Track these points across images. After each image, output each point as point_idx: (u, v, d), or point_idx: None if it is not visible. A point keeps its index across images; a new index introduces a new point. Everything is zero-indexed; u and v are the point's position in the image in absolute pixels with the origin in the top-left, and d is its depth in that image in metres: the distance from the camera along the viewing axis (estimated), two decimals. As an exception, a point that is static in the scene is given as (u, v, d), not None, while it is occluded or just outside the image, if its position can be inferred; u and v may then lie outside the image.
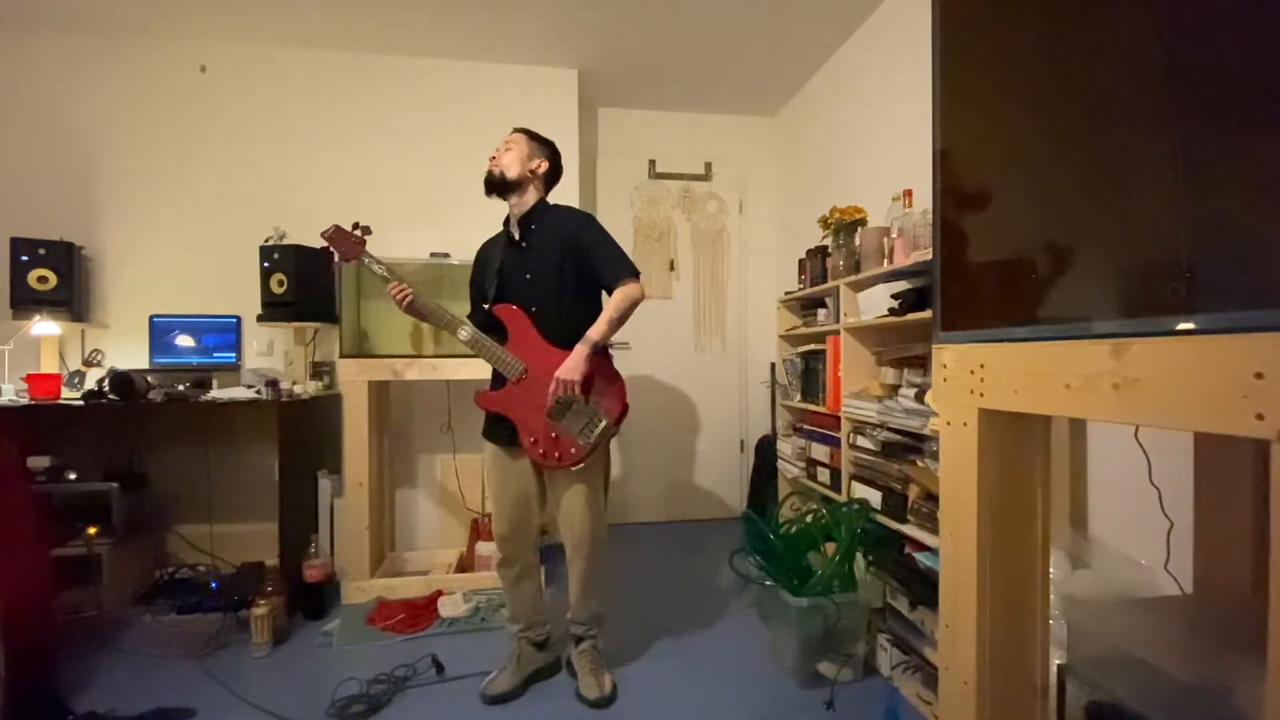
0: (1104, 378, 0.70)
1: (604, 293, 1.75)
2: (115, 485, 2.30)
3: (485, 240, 1.87)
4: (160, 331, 2.62)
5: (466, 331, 1.68)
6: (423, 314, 1.70)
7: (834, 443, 2.26)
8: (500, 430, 1.72)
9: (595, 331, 1.65)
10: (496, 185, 1.71)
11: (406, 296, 1.67)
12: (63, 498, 2.26)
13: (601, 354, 1.70)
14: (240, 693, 1.74)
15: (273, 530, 2.27)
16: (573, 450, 1.66)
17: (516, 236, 1.74)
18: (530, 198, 1.74)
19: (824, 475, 2.37)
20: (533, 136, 1.77)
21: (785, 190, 3.58)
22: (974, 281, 0.97)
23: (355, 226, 1.73)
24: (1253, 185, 0.59)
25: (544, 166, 1.76)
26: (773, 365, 3.17)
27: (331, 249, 1.73)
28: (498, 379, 1.73)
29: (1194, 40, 0.65)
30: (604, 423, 1.66)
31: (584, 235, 1.73)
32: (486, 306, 1.73)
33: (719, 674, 1.86)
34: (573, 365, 1.62)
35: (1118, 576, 1.27)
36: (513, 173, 1.70)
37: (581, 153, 3.27)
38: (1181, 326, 0.63)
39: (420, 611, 2.23)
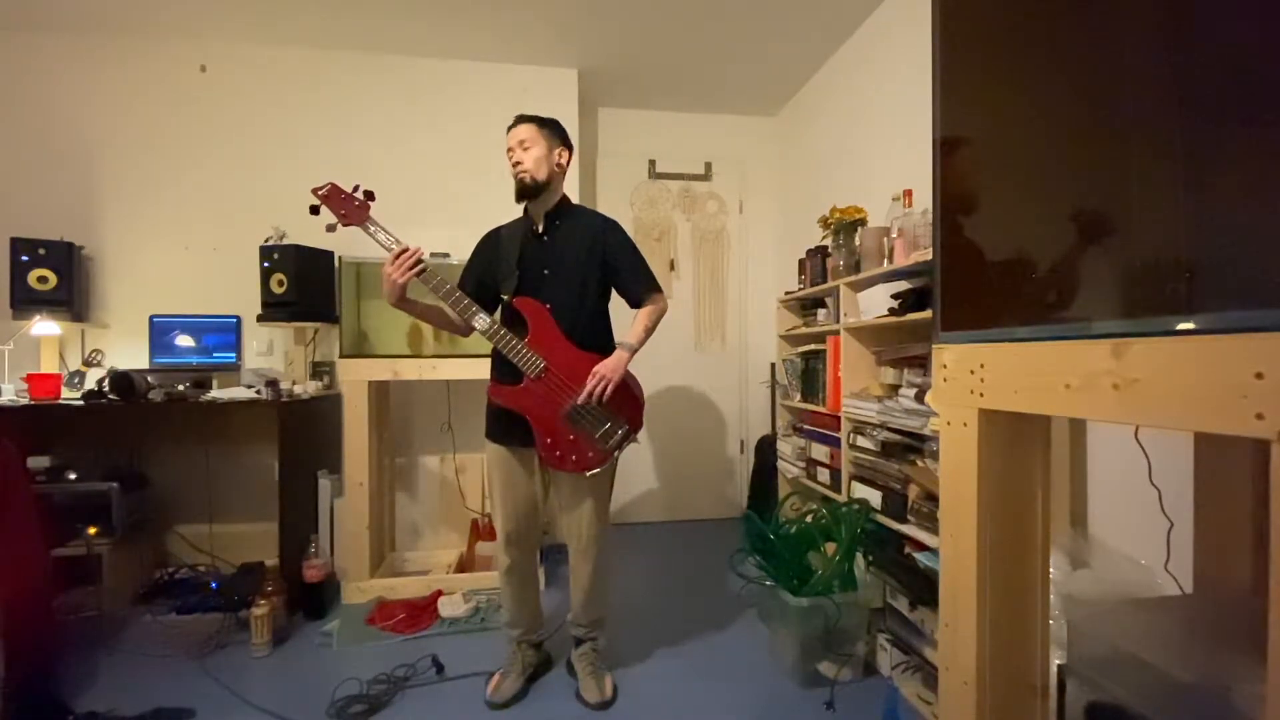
0: (1104, 378, 0.70)
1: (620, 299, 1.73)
2: (115, 485, 2.30)
3: (497, 226, 1.76)
4: (160, 331, 2.62)
5: (485, 320, 1.58)
6: (413, 304, 1.60)
7: (834, 443, 2.26)
8: (511, 430, 1.64)
9: (635, 340, 1.65)
10: (530, 192, 1.63)
11: (419, 264, 1.51)
12: (63, 498, 2.26)
13: None
14: (240, 693, 1.74)
15: (273, 530, 2.27)
16: (590, 455, 1.61)
17: (540, 229, 1.67)
18: (557, 193, 1.69)
19: (824, 475, 2.37)
20: (542, 124, 1.65)
21: (785, 190, 3.58)
22: (974, 281, 0.96)
23: (356, 189, 1.56)
24: (1253, 185, 0.59)
25: (566, 155, 1.68)
26: (773, 365, 3.17)
27: (327, 210, 1.55)
28: (508, 375, 1.62)
29: (1195, 39, 0.65)
30: (624, 429, 1.63)
31: (612, 242, 1.70)
32: (506, 298, 1.64)
33: (719, 674, 1.86)
34: (615, 365, 1.60)
35: (1118, 576, 1.27)
36: (542, 174, 1.62)
37: (581, 153, 3.26)
38: (1181, 326, 0.63)
39: (420, 611, 2.23)
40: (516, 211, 1.74)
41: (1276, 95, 0.57)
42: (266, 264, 2.47)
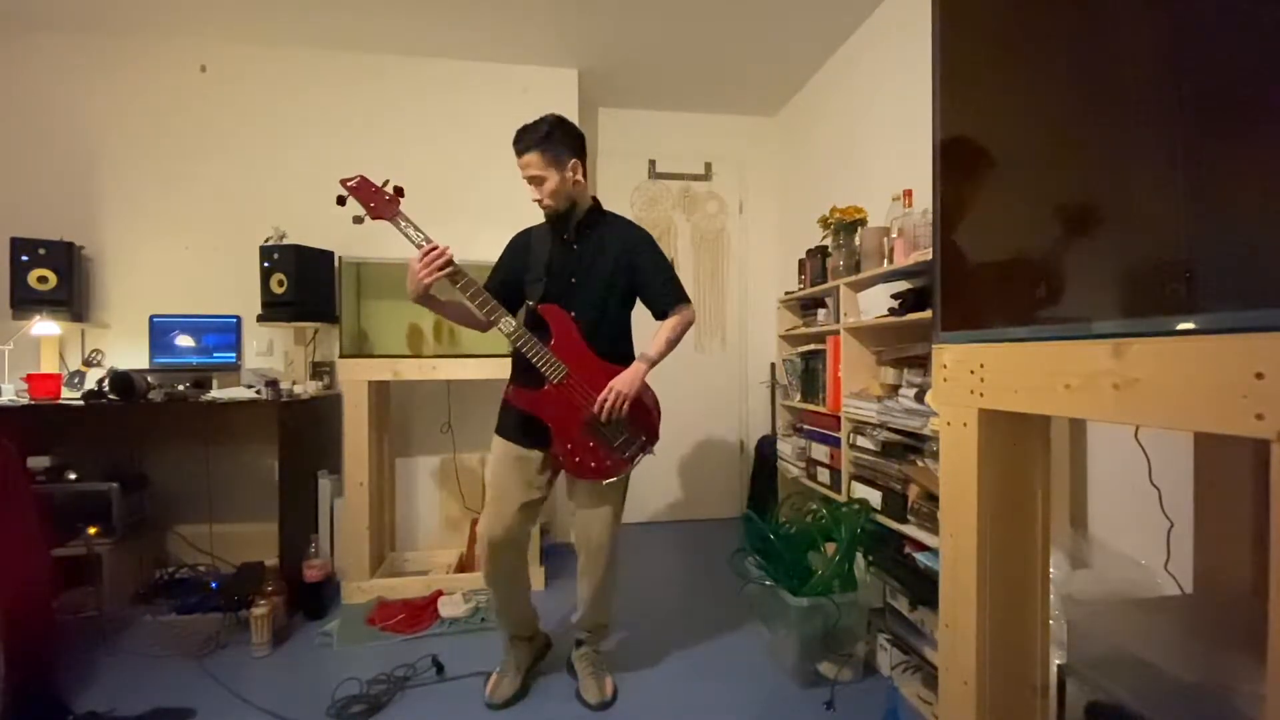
0: (1104, 378, 0.70)
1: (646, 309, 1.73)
2: (115, 485, 2.30)
3: (526, 228, 1.75)
4: (160, 331, 2.62)
5: (511, 323, 1.57)
6: (436, 302, 1.60)
7: (834, 443, 2.26)
8: (526, 431, 1.63)
9: (655, 352, 1.65)
10: (559, 220, 1.64)
11: (448, 263, 1.51)
12: (63, 498, 2.26)
13: None
14: (240, 693, 1.74)
15: (273, 530, 2.27)
16: (608, 464, 1.62)
17: (569, 236, 1.66)
18: (584, 203, 1.67)
19: (824, 475, 2.37)
20: (545, 146, 1.55)
21: (785, 190, 3.58)
22: (974, 281, 0.97)
23: (386, 184, 1.55)
24: (1253, 185, 0.59)
25: (580, 167, 1.61)
26: (773, 365, 3.17)
27: (355, 200, 1.54)
28: (529, 379, 1.62)
29: (1195, 39, 0.65)
30: (641, 439, 1.65)
31: (640, 254, 1.68)
32: (531, 304, 1.64)
33: (719, 674, 1.86)
34: (632, 378, 1.60)
35: (1118, 576, 1.27)
36: (563, 204, 1.60)
37: (581, 153, 3.27)
38: (1181, 326, 0.63)
39: (420, 611, 2.23)
40: (514, 215, 1.73)
41: (1276, 95, 0.57)
42: (266, 264, 2.47)
